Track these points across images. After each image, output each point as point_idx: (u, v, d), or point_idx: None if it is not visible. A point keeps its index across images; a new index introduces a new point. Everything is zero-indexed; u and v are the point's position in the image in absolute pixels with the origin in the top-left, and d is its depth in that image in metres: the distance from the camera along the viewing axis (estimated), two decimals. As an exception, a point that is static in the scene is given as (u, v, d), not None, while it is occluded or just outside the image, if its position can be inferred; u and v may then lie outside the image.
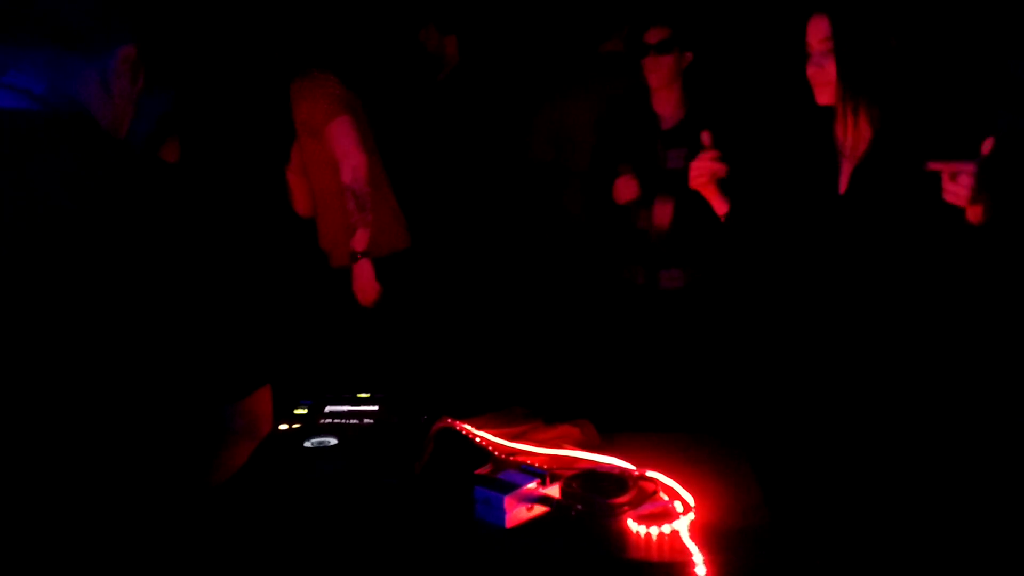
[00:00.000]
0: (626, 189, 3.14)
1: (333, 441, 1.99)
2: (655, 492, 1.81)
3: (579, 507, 1.75)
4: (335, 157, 3.24)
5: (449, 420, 2.05)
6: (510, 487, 1.74)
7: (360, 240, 3.21)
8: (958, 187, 1.89)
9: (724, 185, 2.35)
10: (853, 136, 2.14)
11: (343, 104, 3.29)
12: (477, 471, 1.84)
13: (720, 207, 2.35)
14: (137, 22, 1.30)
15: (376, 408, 2.13)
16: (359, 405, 2.16)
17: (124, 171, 1.18)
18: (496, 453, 1.98)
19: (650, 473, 1.86)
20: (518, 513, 1.73)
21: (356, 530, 1.73)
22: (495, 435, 2.04)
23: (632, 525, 1.70)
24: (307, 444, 1.99)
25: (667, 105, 3.20)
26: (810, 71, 2.14)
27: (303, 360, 3.36)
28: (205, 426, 1.23)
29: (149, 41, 1.32)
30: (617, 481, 1.81)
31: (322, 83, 3.31)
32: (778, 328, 2.36)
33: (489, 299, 3.96)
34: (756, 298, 3.00)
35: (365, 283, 3.25)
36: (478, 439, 2.02)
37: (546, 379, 3.48)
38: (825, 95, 2.13)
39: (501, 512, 1.71)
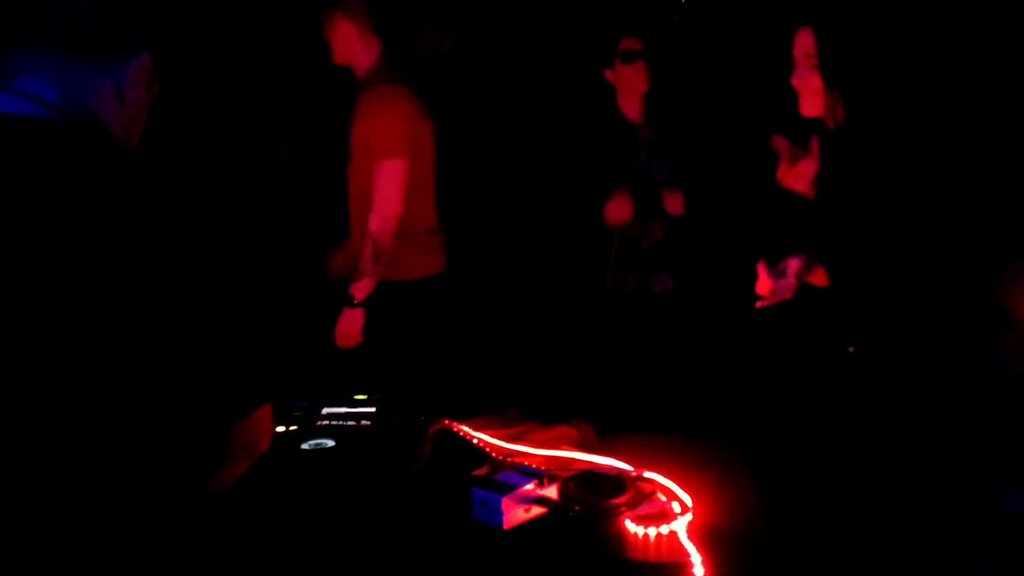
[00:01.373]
0: (620, 210, 3.11)
1: (330, 443, 1.99)
2: (653, 493, 1.81)
3: (577, 508, 1.75)
4: (372, 195, 3.03)
5: (446, 421, 2.05)
6: (507, 488, 1.74)
7: (361, 289, 3.04)
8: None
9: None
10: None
11: (408, 143, 3.05)
12: (474, 472, 1.84)
13: (821, 280, 2.17)
14: (154, 31, 1.29)
15: (373, 410, 2.13)
16: (356, 407, 2.15)
17: (131, 183, 1.16)
18: (493, 454, 1.98)
19: (648, 474, 1.86)
20: (515, 514, 1.73)
21: (353, 531, 1.73)
22: (492, 436, 2.04)
23: (630, 526, 1.70)
24: (304, 446, 1.99)
25: (641, 115, 3.23)
26: (795, 82, 2.15)
27: (300, 362, 3.36)
28: (204, 445, 1.21)
29: (165, 48, 1.31)
30: (615, 482, 1.81)
31: (400, 103, 3.05)
32: (773, 329, 2.36)
33: (486, 301, 3.96)
34: (748, 300, 3.02)
35: (350, 330, 3.09)
36: (475, 440, 2.02)
37: (543, 380, 3.48)
38: (810, 107, 2.14)
39: (499, 513, 1.71)
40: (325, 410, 2.15)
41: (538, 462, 1.95)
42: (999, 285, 2.16)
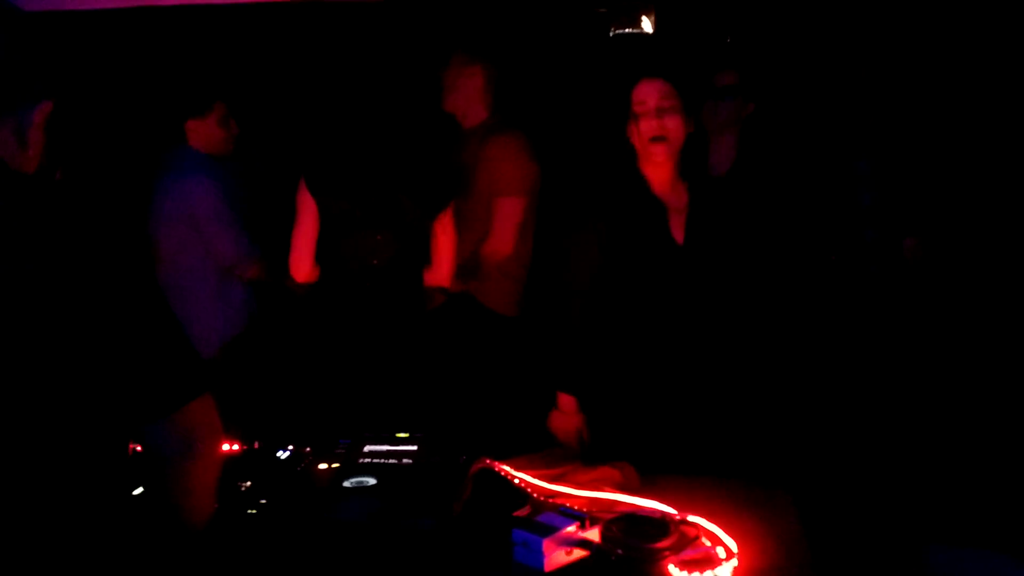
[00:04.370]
0: None
1: (372, 481, 1.99)
2: (697, 537, 1.78)
3: (619, 551, 1.73)
4: (492, 225, 3.35)
5: (488, 461, 2.04)
6: (549, 530, 1.72)
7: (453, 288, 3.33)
8: None
9: None
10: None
11: (529, 183, 3.39)
12: (516, 513, 1.82)
13: None
14: (57, 80, 1.33)
15: (415, 448, 2.13)
16: (398, 445, 2.15)
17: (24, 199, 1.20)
18: (535, 495, 1.96)
19: (692, 518, 1.83)
20: (557, 557, 1.71)
21: (393, 571, 1.72)
22: (534, 476, 2.02)
23: (674, 571, 1.67)
24: (346, 484, 1.99)
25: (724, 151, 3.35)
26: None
27: (343, 399, 3.37)
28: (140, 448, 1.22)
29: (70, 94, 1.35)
30: (658, 525, 1.78)
31: (525, 146, 3.38)
32: (822, 371, 2.33)
33: (528, 339, 3.94)
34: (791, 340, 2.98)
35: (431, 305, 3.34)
36: (517, 480, 2.00)
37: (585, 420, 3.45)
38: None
39: (540, 555, 1.69)
40: (367, 448, 2.15)
41: (580, 504, 1.93)
42: None
